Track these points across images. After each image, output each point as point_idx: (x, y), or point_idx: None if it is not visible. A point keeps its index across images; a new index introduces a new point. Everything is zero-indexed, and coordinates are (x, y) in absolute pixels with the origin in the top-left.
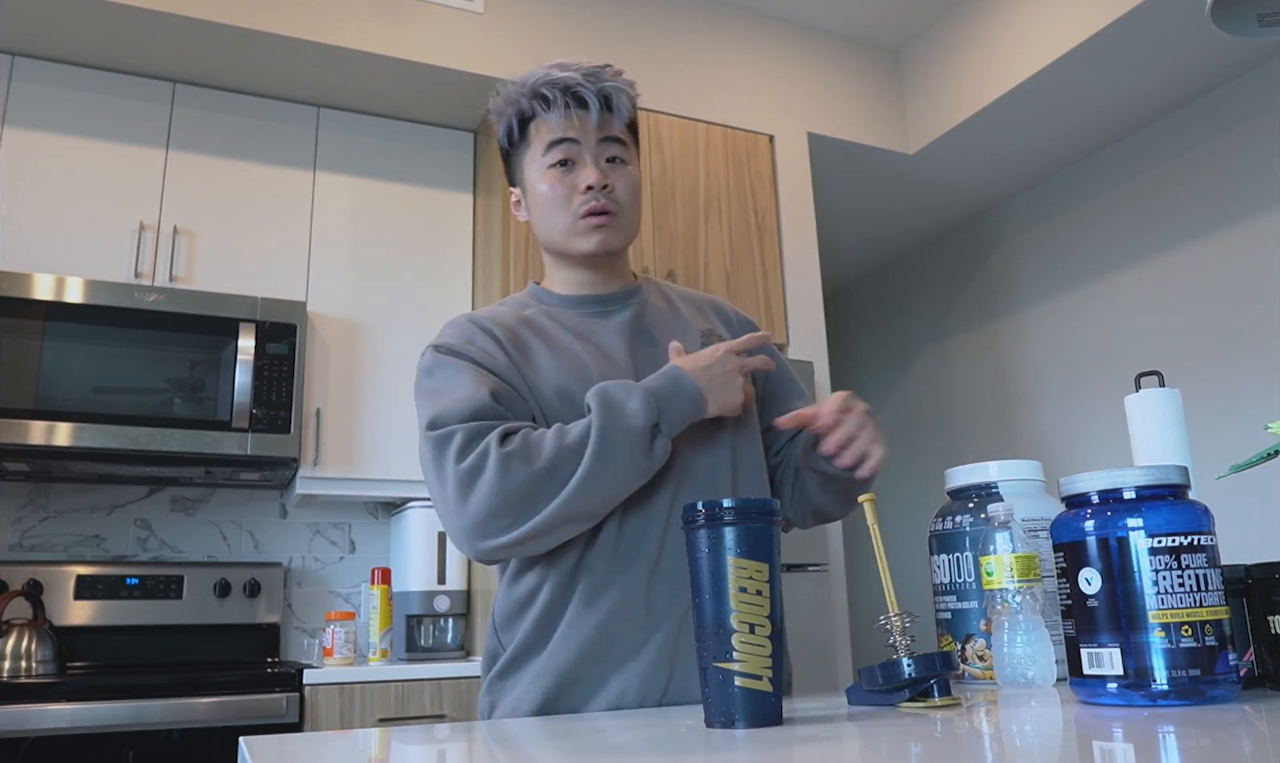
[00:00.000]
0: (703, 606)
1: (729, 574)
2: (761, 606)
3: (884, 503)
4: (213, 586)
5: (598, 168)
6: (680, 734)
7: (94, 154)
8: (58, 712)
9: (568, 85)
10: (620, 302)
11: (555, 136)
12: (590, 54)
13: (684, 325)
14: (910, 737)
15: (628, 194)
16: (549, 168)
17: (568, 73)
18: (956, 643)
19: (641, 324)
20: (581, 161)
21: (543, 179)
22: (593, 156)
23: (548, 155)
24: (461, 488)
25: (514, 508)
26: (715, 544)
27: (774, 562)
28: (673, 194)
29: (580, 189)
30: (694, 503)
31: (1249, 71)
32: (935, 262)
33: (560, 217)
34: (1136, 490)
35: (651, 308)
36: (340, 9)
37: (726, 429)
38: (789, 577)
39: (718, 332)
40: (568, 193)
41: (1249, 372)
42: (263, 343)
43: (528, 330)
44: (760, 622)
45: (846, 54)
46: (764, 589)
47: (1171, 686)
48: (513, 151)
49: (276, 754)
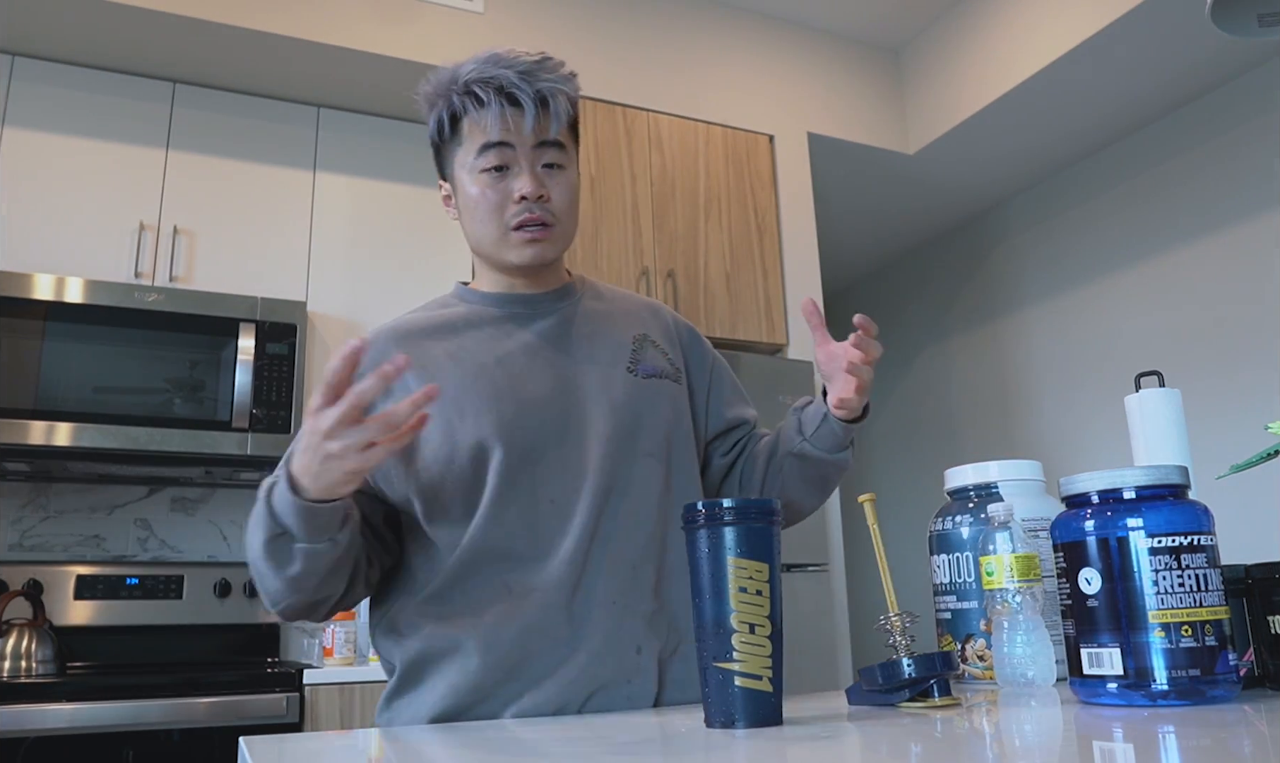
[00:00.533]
0: (703, 606)
1: (729, 574)
2: (761, 606)
3: (884, 503)
4: (213, 586)
5: (533, 175)
6: (681, 734)
7: (94, 154)
8: (58, 712)
9: (502, 85)
10: (548, 305)
11: (488, 139)
12: (591, 53)
13: (615, 331)
14: (910, 737)
15: (564, 203)
16: (481, 172)
17: (502, 70)
18: (956, 643)
19: (568, 331)
20: (516, 167)
21: (474, 182)
22: (528, 162)
23: (480, 159)
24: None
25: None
26: (715, 544)
27: (774, 562)
28: (673, 194)
29: (514, 198)
30: (694, 503)
31: (1249, 71)
32: (935, 262)
33: (491, 225)
34: (1136, 490)
35: (583, 312)
36: (340, 9)
37: (657, 439)
38: (789, 577)
39: (651, 337)
40: (500, 201)
41: (1249, 372)
42: (263, 343)
43: (436, 343)
44: (760, 622)
45: (846, 54)
46: (764, 589)
47: (1171, 686)
48: (443, 146)
49: (276, 754)
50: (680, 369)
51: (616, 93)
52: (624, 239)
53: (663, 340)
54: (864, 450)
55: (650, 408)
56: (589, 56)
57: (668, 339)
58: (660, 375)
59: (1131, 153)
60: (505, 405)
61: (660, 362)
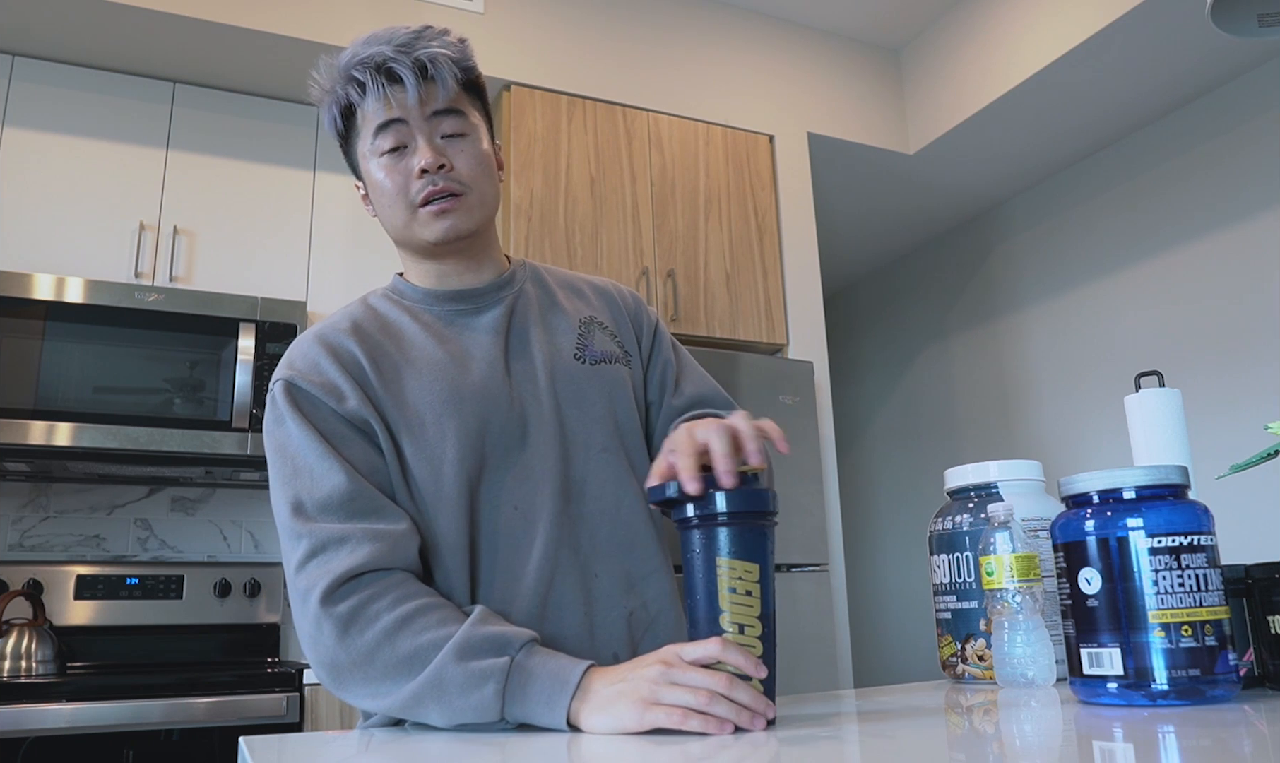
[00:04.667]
0: (695, 606)
1: (720, 575)
2: (752, 606)
3: (884, 503)
4: (213, 585)
5: (431, 146)
6: (678, 734)
7: (94, 154)
8: (58, 712)
9: (379, 63)
10: (492, 296)
11: (379, 121)
12: (591, 53)
13: (560, 317)
14: (909, 737)
15: (472, 167)
16: (379, 155)
17: (376, 47)
18: (956, 643)
19: (514, 323)
20: (413, 143)
21: (377, 168)
22: (425, 135)
23: (376, 142)
24: (338, 630)
25: (368, 683)
26: (707, 545)
27: (766, 562)
28: (673, 194)
29: (414, 174)
30: (686, 504)
31: (1249, 71)
32: (935, 262)
33: (400, 207)
34: (1136, 490)
35: (525, 300)
36: (340, 9)
37: (608, 430)
38: (788, 576)
39: (599, 319)
40: (403, 181)
41: (1249, 372)
42: (263, 343)
43: (390, 343)
44: (750, 622)
45: (846, 54)
46: (754, 590)
47: (1171, 686)
48: (345, 142)
49: (276, 754)
50: (629, 351)
51: (616, 93)
52: (624, 239)
53: (611, 321)
54: (864, 450)
55: (600, 398)
56: (589, 56)
57: (623, 321)
58: (609, 360)
59: (1131, 153)
60: (467, 419)
61: (608, 345)
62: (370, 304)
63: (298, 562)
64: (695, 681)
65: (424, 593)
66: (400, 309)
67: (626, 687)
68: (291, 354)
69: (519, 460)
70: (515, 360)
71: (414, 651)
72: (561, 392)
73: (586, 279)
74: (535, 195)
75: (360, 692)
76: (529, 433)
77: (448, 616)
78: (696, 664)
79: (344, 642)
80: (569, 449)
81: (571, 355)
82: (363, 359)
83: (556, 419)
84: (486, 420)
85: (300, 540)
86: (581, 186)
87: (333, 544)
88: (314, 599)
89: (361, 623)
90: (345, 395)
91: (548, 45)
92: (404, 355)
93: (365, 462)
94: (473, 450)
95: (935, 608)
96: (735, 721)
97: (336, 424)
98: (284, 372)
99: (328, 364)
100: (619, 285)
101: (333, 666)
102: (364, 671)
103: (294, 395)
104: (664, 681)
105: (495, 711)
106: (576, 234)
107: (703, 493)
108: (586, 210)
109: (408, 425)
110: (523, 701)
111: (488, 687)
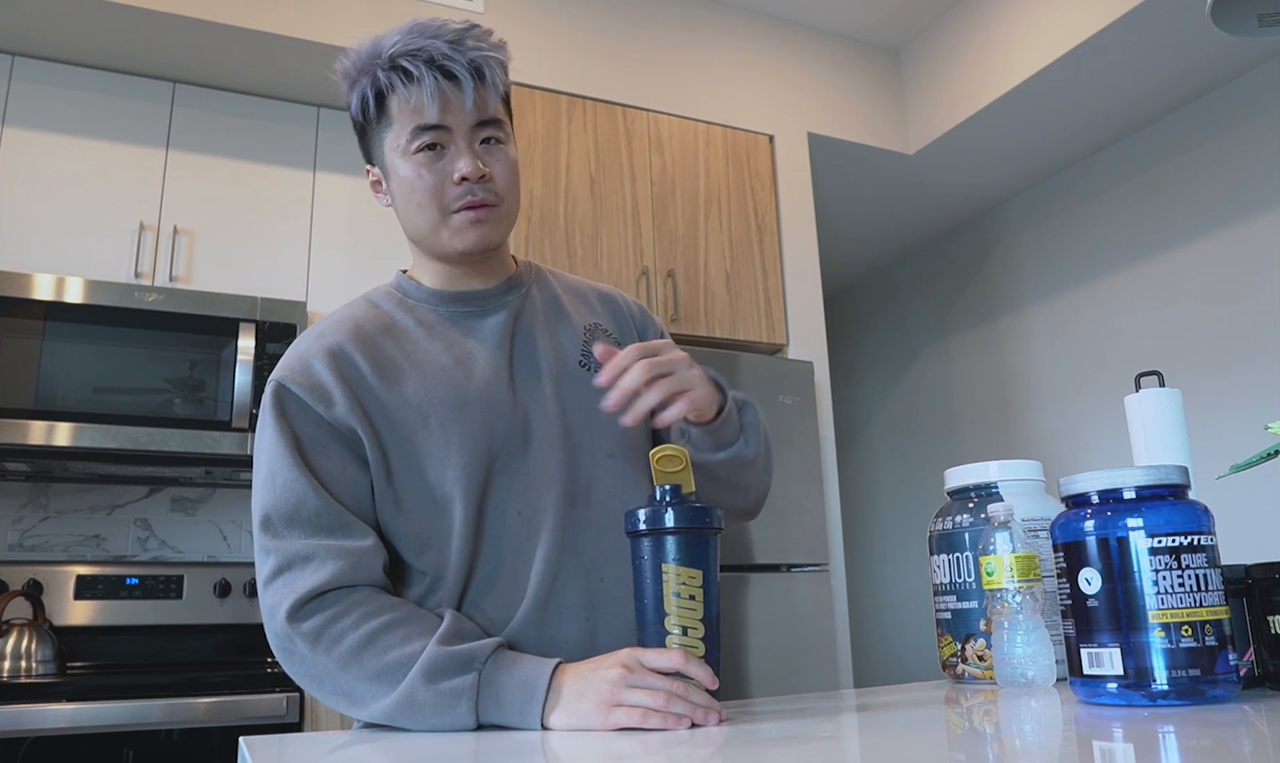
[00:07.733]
0: (643, 609)
1: (665, 579)
2: (695, 609)
3: (884, 503)
4: (213, 585)
5: (473, 154)
6: (673, 734)
7: (94, 154)
8: (58, 712)
9: (433, 57)
10: (498, 299)
11: (422, 120)
12: (591, 53)
13: (566, 323)
14: (907, 736)
15: (507, 178)
16: (415, 152)
17: (430, 40)
18: (956, 643)
19: (520, 328)
20: (453, 146)
21: (408, 165)
22: (466, 141)
23: (414, 140)
24: (308, 645)
25: (341, 695)
26: (654, 552)
27: (709, 568)
28: (673, 194)
29: (454, 180)
30: (634, 511)
31: (1249, 71)
32: (935, 262)
33: (430, 210)
34: (1136, 490)
35: (532, 304)
36: (340, 9)
37: (614, 438)
38: (788, 576)
39: (604, 326)
40: (438, 183)
41: (1249, 372)
42: (263, 343)
43: (392, 344)
44: (694, 625)
45: (846, 54)
46: (697, 594)
47: (1171, 686)
48: (368, 128)
49: (276, 754)
50: None
51: (616, 93)
52: (624, 239)
53: (615, 327)
54: (864, 450)
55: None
56: (589, 56)
57: (626, 328)
58: None
59: (1131, 153)
60: (471, 424)
61: None
62: (373, 302)
63: (265, 577)
64: (654, 683)
65: (389, 608)
66: (404, 309)
67: (589, 688)
68: (289, 353)
69: (523, 466)
70: (520, 366)
71: (380, 669)
72: (567, 397)
73: (592, 286)
74: (535, 195)
75: (338, 702)
76: (532, 438)
77: (412, 631)
78: (656, 672)
79: (314, 657)
80: (575, 455)
81: (576, 362)
82: (361, 362)
83: (562, 425)
84: (491, 426)
85: (268, 556)
86: (581, 186)
87: (298, 562)
88: (280, 617)
89: (327, 641)
90: (334, 401)
91: (547, 45)
92: (406, 356)
93: (340, 473)
94: (477, 456)
95: (935, 608)
96: (691, 717)
97: (317, 431)
98: (277, 372)
99: (321, 366)
100: (624, 294)
101: (310, 677)
102: (336, 682)
103: (280, 399)
104: (624, 683)
105: (471, 724)
106: (576, 234)
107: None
108: (586, 210)
109: (408, 428)
110: (497, 710)
111: (460, 706)
